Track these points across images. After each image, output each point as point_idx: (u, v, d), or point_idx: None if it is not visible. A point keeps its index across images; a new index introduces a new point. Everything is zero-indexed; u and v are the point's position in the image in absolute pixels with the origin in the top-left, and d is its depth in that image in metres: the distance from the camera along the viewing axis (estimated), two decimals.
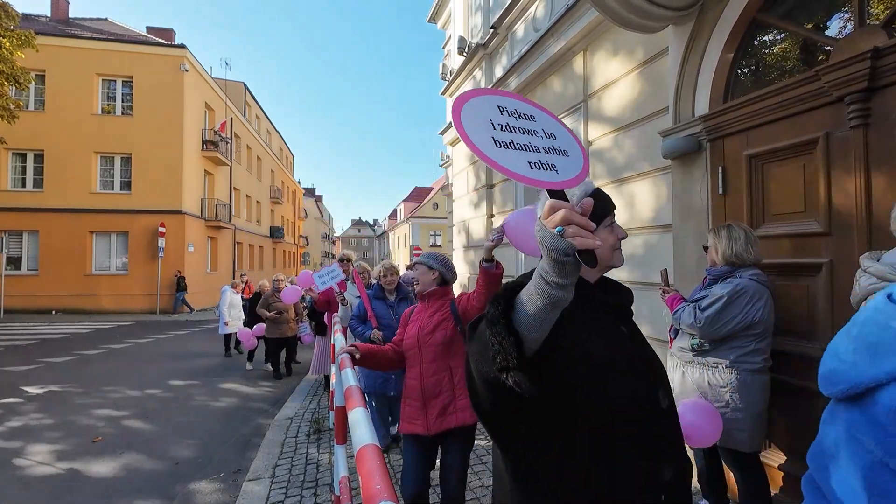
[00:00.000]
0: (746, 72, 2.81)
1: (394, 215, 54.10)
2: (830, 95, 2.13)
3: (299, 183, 42.53)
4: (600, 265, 1.08)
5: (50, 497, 3.22)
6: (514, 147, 0.83)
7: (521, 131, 0.87)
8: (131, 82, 16.30)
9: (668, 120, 3.16)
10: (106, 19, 20.39)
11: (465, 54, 6.94)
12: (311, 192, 59.09)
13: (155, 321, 13.79)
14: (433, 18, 10.70)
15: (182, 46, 16.83)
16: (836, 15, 2.39)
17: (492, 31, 6.02)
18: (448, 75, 8.81)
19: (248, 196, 24.64)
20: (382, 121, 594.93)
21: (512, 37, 5.76)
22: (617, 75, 3.85)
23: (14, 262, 15.40)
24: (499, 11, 5.88)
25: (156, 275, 15.66)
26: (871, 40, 2.00)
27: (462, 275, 7.29)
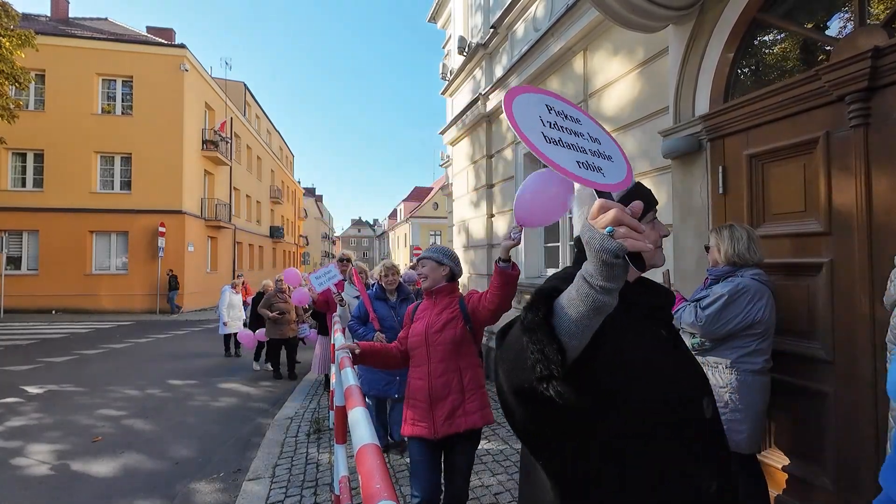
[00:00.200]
0: (747, 71, 2.80)
1: (394, 215, 54.10)
2: (831, 95, 2.13)
3: (299, 183, 42.55)
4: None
5: (49, 497, 3.22)
6: (563, 145, 0.84)
7: (568, 132, 0.88)
8: (131, 82, 16.31)
9: (668, 119, 3.16)
10: (106, 19, 20.40)
11: (465, 54, 6.94)
12: (311, 191, 59.09)
13: (155, 321, 13.78)
14: (433, 18, 10.70)
15: (182, 46, 16.84)
16: (836, 15, 2.39)
17: (492, 30, 6.02)
18: (448, 75, 8.81)
19: (248, 196, 24.64)
20: (382, 121, 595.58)
21: (512, 36, 5.76)
22: (617, 75, 3.84)
23: (14, 262, 15.40)
24: (499, 11, 5.88)
25: (156, 275, 15.66)
26: (872, 40, 1.99)
27: (462, 275, 7.28)
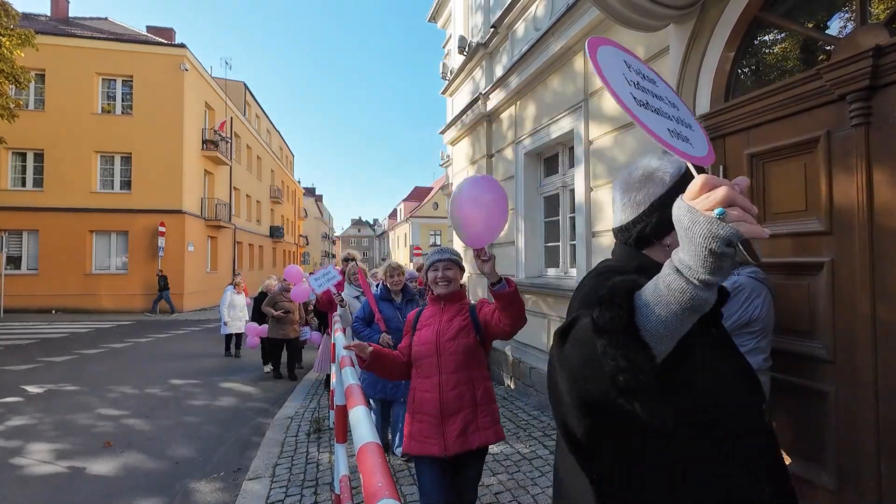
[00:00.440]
0: (747, 71, 2.80)
1: (394, 215, 54.08)
2: (832, 94, 2.12)
3: (299, 182, 42.55)
4: None
5: (50, 496, 3.22)
6: (651, 109, 0.73)
7: (652, 95, 0.77)
8: (131, 82, 16.30)
9: None
10: (106, 18, 20.39)
11: (465, 53, 6.93)
12: (311, 191, 59.11)
13: (155, 321, 13.78)
14: (433, 18, 10.69)
15: (182, 46, 16.83)
16: (836, 14, 2.39)
17: (492, 30, 6.02)
18: (448, 75, 8.81)
19: (248, 195, 24.63)
20: (382, 120, 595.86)
21: (512, 36, 5.76)
22: None
23: (14, 262, 15.39)
24: (499, 11, 5.88)
25: (156, 274, 15.65)
26: (873, 38, 1.99)
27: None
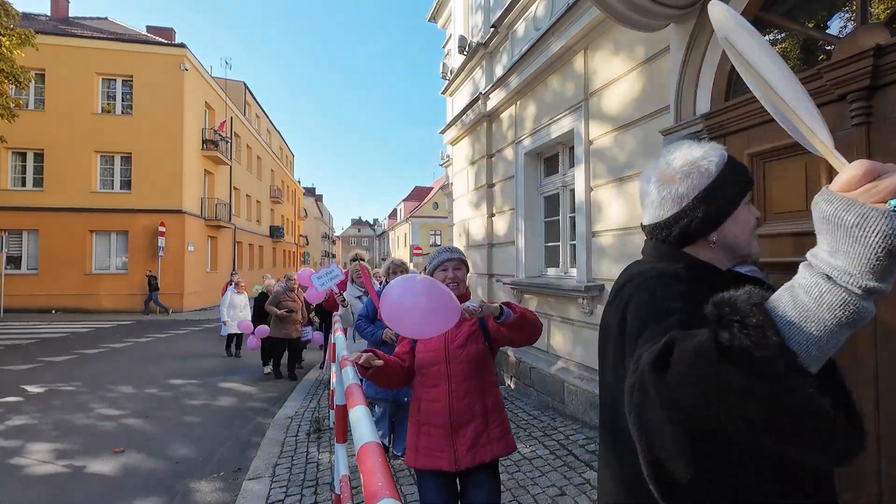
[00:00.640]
0: None
1: (394, 215, 54.09)
2: (832, 94, 2.12)
3: (299, 182, 42.54)
4: (736, 253, 0.89)
5: (49, 495, 3.22)
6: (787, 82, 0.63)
7: (779, 67, 0.66)
8: (131, 81, 16.29)
9: (669, 119, 3.15)
10: (106, 18, 20.39)
11: (465, 53, 6.93)
12: (311, 191, 59.11)
13: (154, 320, 13.78)
14: (433, 18, 10.69)
15: (182, 46, 16.82)
16: (837, 14, 2.39)
17: (492, 30, 6.01)
18: (448, 74, 8.81)
19: (248, 195, 24.63)
20: (382, 120, 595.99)
21: (512, 36, 5.75)
22: (618, 74, 3.84)
23: (14, 262, 15.38)
24: (499, 10, 5.88)
25: (156, 274, 15.64)
26: (874, 38, 1.99)
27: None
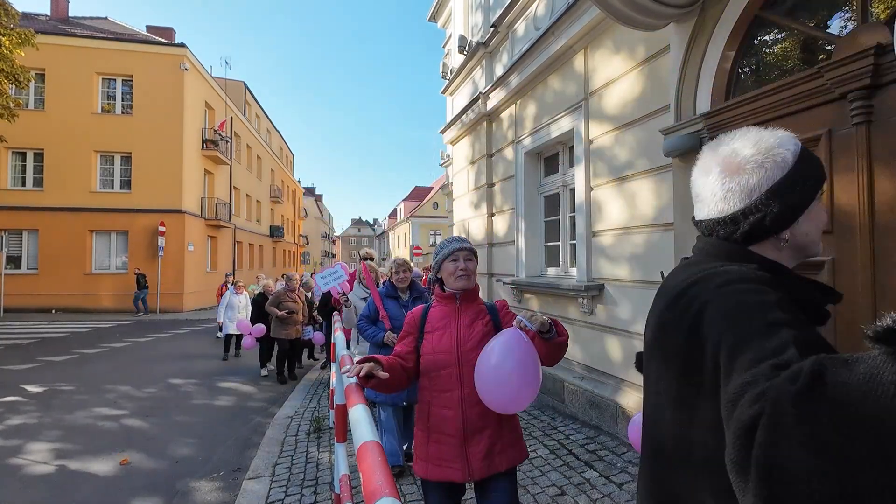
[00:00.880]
0: (748, 70, 2.80)
1: (394, 214, 54.08)
2: (833, 93, 2.12)
3: (299, 182, 42.53)
4: (805, 253, 0.83)
5: (49, 495, 3.21)
6: None
7: None
8: (131, 81, 16.29)
9: (669, 118, 3.15)
10: (106, 18, 20.39)
11: (465, 53, 6.93)
12: (311, 191, 59.09)
13: (155, 320, 13.78)
14: (433, 17, 10.69)
15: (182, 45, 16.81)
16: (837, 13, 2.38)
17: (492, 29, 6.01)
18: (448, 74, 8.81)
19: (248, 195, 24.62)
20: (382, 120, 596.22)
21: (513, 35, 5.75)
22: (618, 73, 3.84)
23: (14, 261, 15.38)
24: (499, 10, 5.87)
25: (156, 274, 15.64)
26: (874, 37, 1.98)
27: None
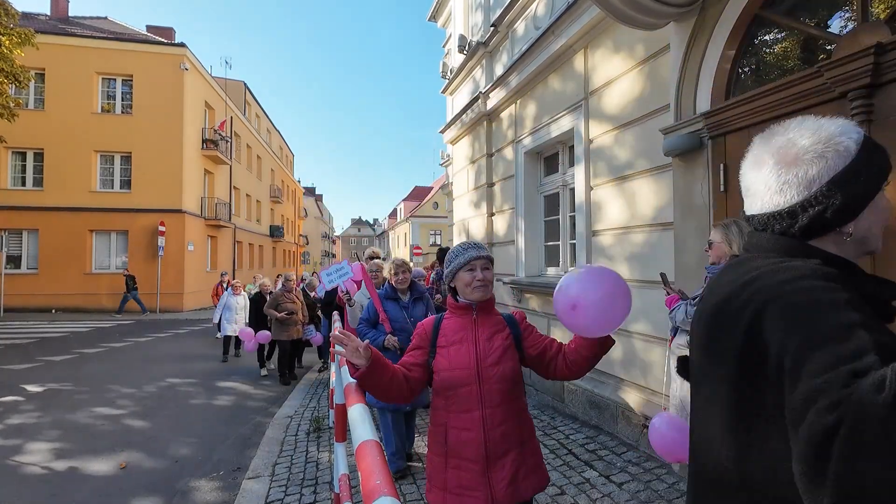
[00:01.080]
0: (748, 70, 2.79)
1: (394, 214, 54.07)
2: (833, 92, 2.12)
3: (299, 182, 42.52)
4: (866, 248, 0.80)
5: (49, 495, 3.21)
6: None
7: None
8: (131, 81, 16.28)
9: (669, 117, 3.15)
10: (106, 18, 20.38)
11: (465, 52, 6.93)
12: (311, 191, 59.06)
13: (155, 320, 13.78)
14: (433, 17, 10.69)
15: (182, 45, 16.81)
16: (837, 13, 2.38)
17: (492, 29, 6.01)
18: (448, 74, 8.80)
19: (248, 195, 24.61)
20: (382, 119, 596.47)
21: (512, 35, 5.75)
22: (618, 73, 3.83)
23: (14, 261, 15.37)
24: (499, 9, 5.87)
25: (156, 274, 15.64)
26: (875, 36, 1.98)
27: None
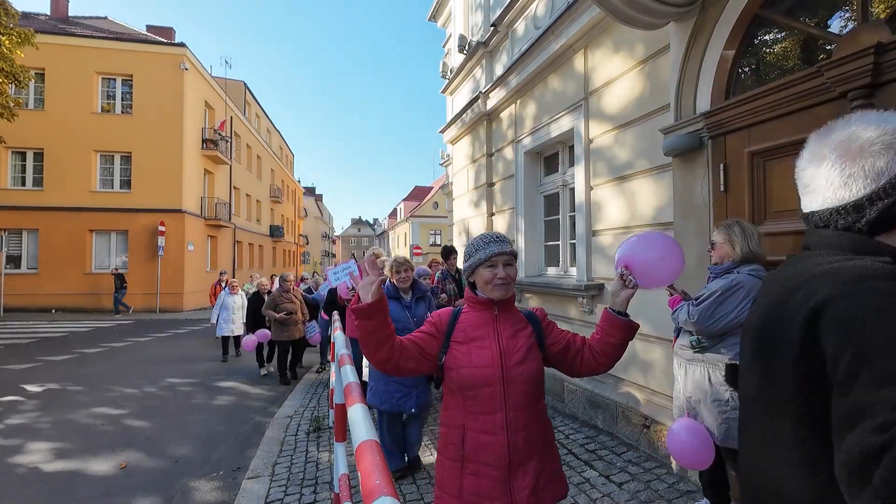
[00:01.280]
0: (748, 69, 2.79)
1: (394, 214, 54.07)
2: (833, 91, 2.11)
3: (299, 182, 42.52)
4: None
5: (49, 495, 3.21)
6: None
7: None
8: (131, 81, 16.28)
9: (669, 117, 3.15)
10: (105, 17, 20.39)
11: (465, 52, 6.93)
12: (311, 191, 59.07)
13: (154, 320, 13.78)
14: (433, 17, 10.68)
15: (182, 45, 16.80)
16: (837, 13, 2.38)
17: (492, 28, 6.01)
18: (448, 73, 8.80)
19: (247, 195, 24.61)
20: (383, 119, 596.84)
21: (512, 35, 5.75)
22: (618, 73, 3.83)
23: (14, 261, 15.38)
24: (499, 9, 5.87)
25: (155, 274, 15.65)
26: (875, 35, 1.98)
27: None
